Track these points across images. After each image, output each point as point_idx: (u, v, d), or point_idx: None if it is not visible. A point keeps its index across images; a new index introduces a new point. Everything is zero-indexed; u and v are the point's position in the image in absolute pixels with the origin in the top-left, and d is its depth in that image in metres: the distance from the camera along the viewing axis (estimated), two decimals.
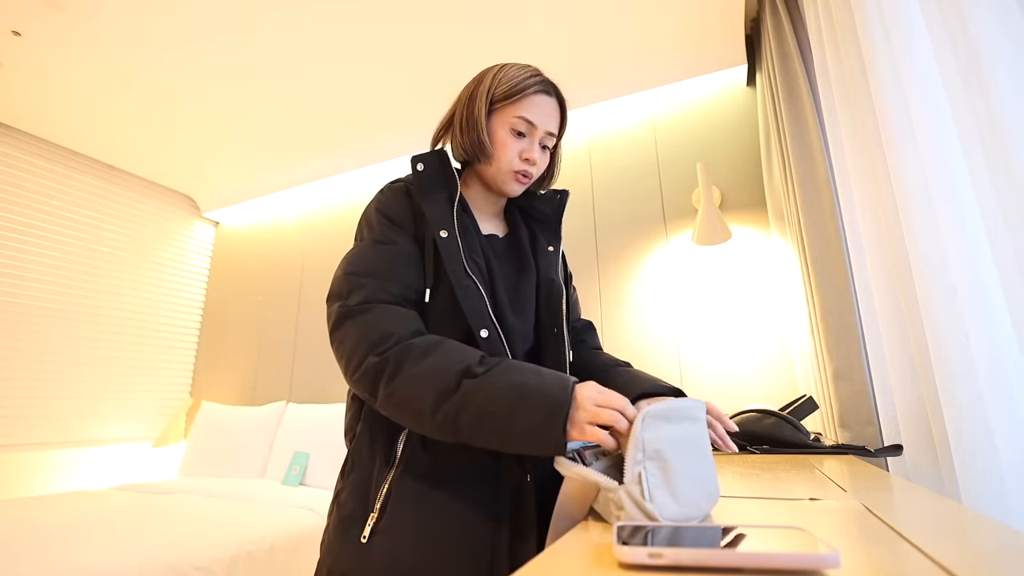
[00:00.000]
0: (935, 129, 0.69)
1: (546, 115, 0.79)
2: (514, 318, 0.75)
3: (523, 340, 0.76)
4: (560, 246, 0.86)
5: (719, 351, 1.89)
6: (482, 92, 0.79)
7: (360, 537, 0.65)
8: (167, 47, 1.99)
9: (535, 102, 0.78)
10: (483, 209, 0.86)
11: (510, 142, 0.78)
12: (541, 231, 0.87)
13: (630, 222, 2.17)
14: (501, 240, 0.84)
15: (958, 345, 0.64)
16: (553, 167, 0.88)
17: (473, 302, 0.69)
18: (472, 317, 0.68)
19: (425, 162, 0.78)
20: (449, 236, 0.72)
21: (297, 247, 3.09)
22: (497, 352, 0.67)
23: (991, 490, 0.60)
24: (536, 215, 0.89)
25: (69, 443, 2.65)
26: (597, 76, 2.15)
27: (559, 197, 0.89)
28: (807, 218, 1.28)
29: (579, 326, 0.94)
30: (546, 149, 0.82)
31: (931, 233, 0.68)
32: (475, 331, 0.68)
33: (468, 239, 0.75)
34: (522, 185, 0.81)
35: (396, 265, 0.71)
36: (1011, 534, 0.39)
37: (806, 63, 1.37)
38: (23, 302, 2.55)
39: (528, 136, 0.78)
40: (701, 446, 0.50)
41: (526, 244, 0.84)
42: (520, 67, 0.80)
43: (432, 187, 0.76)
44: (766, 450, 1.02)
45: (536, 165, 0.80)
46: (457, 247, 0.71)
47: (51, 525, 1.52)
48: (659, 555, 0.32)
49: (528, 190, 0.88)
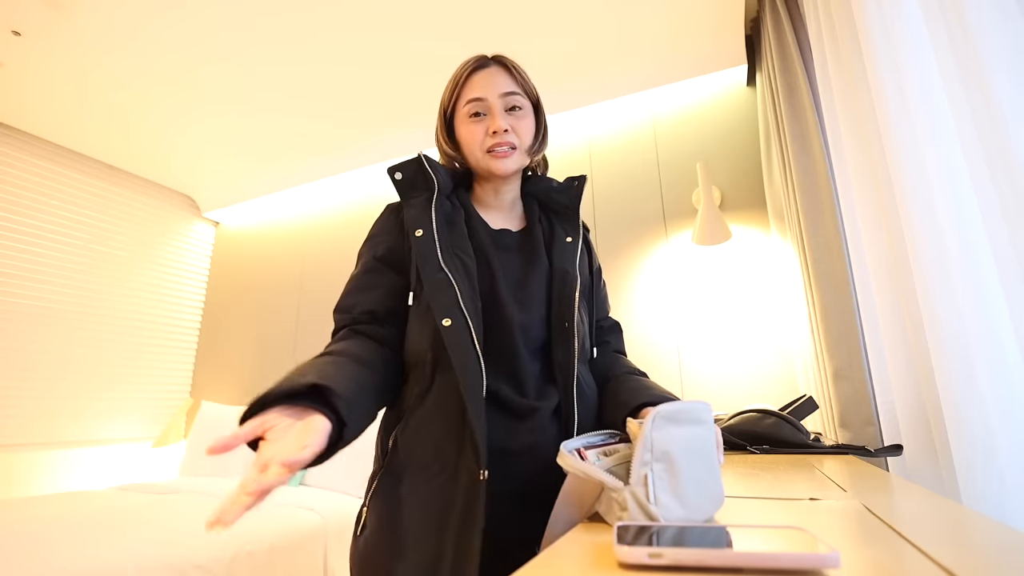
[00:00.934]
0: (935, 129, 0.69)
1: (489, 84, 0.78)
2: (516, 311, 0.73)
3: (525, 333, 0.73)
4: (579, 237, 0.83)
5: (719, 351, 1.89)
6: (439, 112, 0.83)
7: (358, 531, 0.72)
8: (167, 47, 1.99)
9: (474, 80, 0.79)
10: (495, 207, 0.85)
11: (472, 129, 0.78)
12: (559, 222, 0.85)
13: (630, 222, 2.17)
14: (514, 234, 0.83)
15: (958, 345, 0.64)
16: (539, 131, 0.84)
17: (441, 296, 0.69)
18: (438, 311, 0.68)
19: (402, 170, 0.80)
20: (424, 235, 0.73)
21: (297, 247, 3.09)
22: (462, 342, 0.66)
23: (991, 490, 0.60)
24: (554, 206, 0.87)
25: (69, 443, 2.65)
26: (597, 76, 2.15)
27: (576, 184, 0.87)
28: (807, 218, 1.28)
29: (605, 325, 0.90)
30: (517, 110, 0.79)
31: (931, 233, 0.68)
32: (437, 322, 0.67)
33: (454, 234, 0.75)
34: (506, 158, 0.78)
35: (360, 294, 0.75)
36: (1011, 534, 0.39)
37: (806, 63, 1.37)
38: (23, 302, 2.55)
39: (487, 113, 0.78)
40: (708, 449, 0.50)
41: (539, 237, 0.82)
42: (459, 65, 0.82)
43: (411, 192, 0.79)
44: (766, 450, 1.02)
45: (510, 132, 0.78)
46: (432, 244, 0.72)
47: (51, 525, 1.52)
48: (659, 555, 0.32)
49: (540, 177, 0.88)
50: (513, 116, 0.79)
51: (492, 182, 0.83)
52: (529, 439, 0.69)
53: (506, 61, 0.81)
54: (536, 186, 0.88)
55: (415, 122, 2.43)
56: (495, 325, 0.71)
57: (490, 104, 0.77)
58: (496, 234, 0.81)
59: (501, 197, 0.85)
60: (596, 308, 0.86)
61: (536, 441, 0.69)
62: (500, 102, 0.78)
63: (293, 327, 2.95)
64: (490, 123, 0.77)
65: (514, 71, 0.81)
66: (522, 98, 0.80)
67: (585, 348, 0.79)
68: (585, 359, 0.79)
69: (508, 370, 0.71)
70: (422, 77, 2.12)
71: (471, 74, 0.79)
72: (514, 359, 0.72)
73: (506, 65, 0.81)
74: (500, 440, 0.67)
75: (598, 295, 0.88)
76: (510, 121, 0.78)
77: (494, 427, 0.67)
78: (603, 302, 0.91)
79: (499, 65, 0.81)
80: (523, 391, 0.71)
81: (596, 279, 0.89)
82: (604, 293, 0.93)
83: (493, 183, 0.83)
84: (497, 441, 0.66)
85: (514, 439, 0.68)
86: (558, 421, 0.72)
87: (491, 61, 0.81)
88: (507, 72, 0.80)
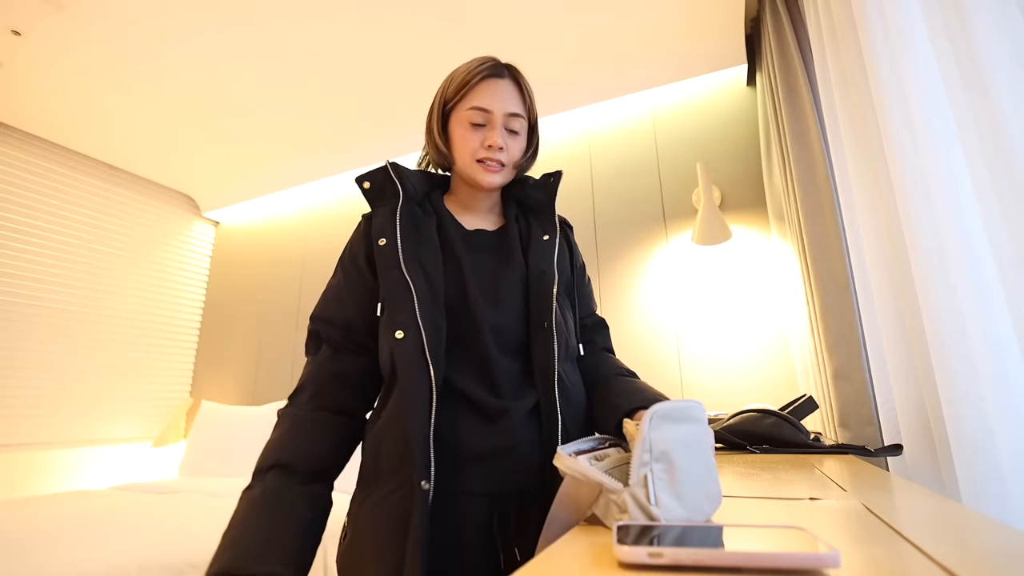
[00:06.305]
0: (935, 129, 0.69)
1: (500, 97, 0.77)
2: (488, 312, 0.73)
3: (498, 334, 0.73)
4: (556, 234, 0.82)
5: (719, 351, 1.89)
6: (436, 101, 0.81)
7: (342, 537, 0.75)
8: (167, 47, 1.99)
9: (484, 88, 0.77)
10: (471, 207, 0.85)
11: (468, 135, 0.77)
12: (536, 221, 0.84)
13: (630, 221, 2.17)
14: (489, 234, 0.82)
15: (958, 345, 0.64)
16: (529, 149, 0.84)
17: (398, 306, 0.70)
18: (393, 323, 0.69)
19: (370, 179, 0.81)
20: (387, 244, 0.74)
21: (297, 247, 3.09)
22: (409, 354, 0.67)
23: (991, 490, 0.60)
24: (531, 204, 0.86)
25: (69, 443, 2.65)
26: (597, 76, 2.15)
27: (552, 180, 0.85)
28: (807, 218, 1.28)
29: (590, 323, 0.88)
30: (515, 133, 0.79)
31: (931, 233, 0.68)
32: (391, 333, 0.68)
33: (421, 241, 0.75)
34: (494, 173, 0.78)
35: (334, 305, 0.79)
36: (1011, 534, 0.39)
37: (806, 63, 1.37)
38: (23, 302, 2.55)
39: (487, 124, 0.77)
40: (704, 448, 0.49)
41: (515, 236, 0.82)
42: (470, 61, 0.79)
43: (378, 201, 0.80)
44: (766, 450, 1.02)
45: (504, 151, 0.78)
46: (395, 252, 0.73)
47: (51, 525, 1.52)
48: (659, 555, 0.31)
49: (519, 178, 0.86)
50: (510, 136, 0.79)
51: (472, 187, 0.83)
52: (500, 441, 0.68)
53: (519, 78, 0.81)
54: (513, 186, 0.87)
55: (415, 122, 2.42)
56: (466, 327, 0.71)
57: (494, 119, 0.77)
58: (470, 235, 0.81)
59: (479, 200, 0.85)
60: (580, 305, 0.85)
61: (508, 443, 0.69)
62: (503, 119, 0.77)
63: (293, 327, 2.95)
64: (488, 136, 0.77)
65: (524, 91, 0.81)
66: (523, 121, 0.80)
67: (570, 346, 0.77)
68: (571, 357, 0.78)
69: (480, 371, 0.71)
70: (422, 78, 2.12)
71: (483, 80, 0.77)
72: (487, 361, 0.71)
73: (518, 83, 0.80)
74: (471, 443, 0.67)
75: (582, 292, 0.87)
76: (506, 140, 0.78)
77: (463, 431, 0.67)
78: (587, 298, 0.89)
79: (512, 80, 0.80)
80: (497, 392, 0.71)
81: (579, 276, 0.87)
82: (588, 289, 0.91)
83: (472, 188, 0.83)
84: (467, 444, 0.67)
85: (486, 441, 0.68)
86: (537, 422, 0.71)
87: (505, 72, 0.79)
88: (517, 91, 0.80)
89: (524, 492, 0.68)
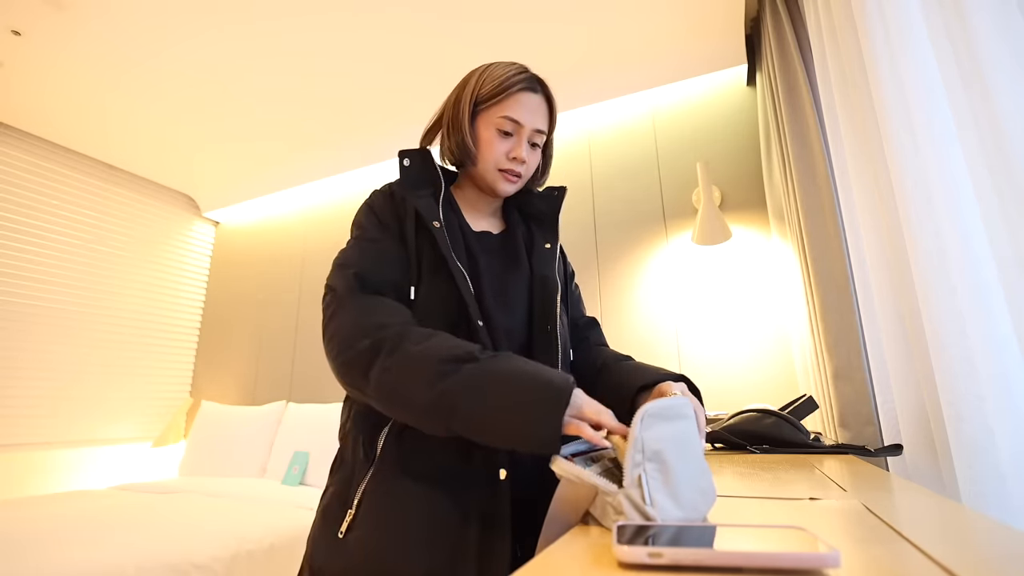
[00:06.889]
0: (935, 129, 0.69)
1: (532, 112, 0.78)
2: (500, 314, 0.74)
3: (508, 336, 0.73)
4: (558, 243, 0.85)
5: (719, 351, 1.89)
6: (467, 95, 0.80)
7: (337, 533, 0.67)
8: (167, 47, 1.99)
9: (520, 100, 0.78)
10: (477, 208, 0.86)
11: (496, 142, 0.78)
12: (538, 228, 0.87)
13: (630, 221, 2.17)
14: (495, 237, 0.84)
15: (958, 345, 0.64)
16: (545, 164, 0.87)
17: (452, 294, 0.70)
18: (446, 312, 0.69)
19: (411, 158, 0.81)
20: (442, 227, 0.74)
21: (297, 247, 3.09)
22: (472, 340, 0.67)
23: (991, 490, 0.60)
24: (533, 212, 0.88)
25: (69, 443, 2.65)
26: (597, 76, 2.15)
27: (556, 194, 0.89)
28: (807, 218, 1.28)
29: (581, 323, 0.91)
30: (536, 147, 0.82)
31: (931, 233, 0.68)
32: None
33: (452, 234, 0.76)
34: (512, 184, 0.80)
35: (382, 263, 0.73)
36: (1011, 534, 0.39)
37: (806, 63, 1.37)
38: (23, 302, 2.55)
39: (515, 135, 0.78)
40: (694, 445, 0.50)
41: (520, 241, 0.83)
42: (505, 65, 0.80)
43: (418, 183, 0.79)
44: (766, 450, 1.02)
45: (526, 164, 0.80)
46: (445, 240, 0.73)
47: (51, 525, 1.52)
48: (659, 555, 0.31)
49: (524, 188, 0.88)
50: (533, 151, 0.82)
51: (486, 191, 0.84)
52: None
53: (550, 96, 0.82)
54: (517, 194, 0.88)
55: (415, 122, 2.42)
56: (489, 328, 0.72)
57: (523, 132, 0.78)
58: (477, 236, 0.82)
59: (486, 203, 0.87)
60: (571, 309, 0.89)
61: None
62: (530, 134, 0.79)
63: (293, 327, 2.95)
64: (515, 148, 0.78)
65: (552, 112, 0.83)
66: (545, 137, 0.82)
67: (567, 351, 0.80)
68: (568, 362, 0.80)
69: None
70: (423, 76, 2.12)
71: (520, 92, 0.78)
72: None
73: (550, 103, 0.82)
74: None
75: (572, 298, 0.91)
76: (530, 154, 0.80)
77: None
78: (577, 302, 0.94)
79: (545, 99, 0.82)
80: None
81: (570, 284, 0.92)
82: (578, 294, 0.95)
83: (487, 192, 0.84)
84: None
85: None
86: None
87: (539, 88, 0.81)
88: (547, 111, 0.82)
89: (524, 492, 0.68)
